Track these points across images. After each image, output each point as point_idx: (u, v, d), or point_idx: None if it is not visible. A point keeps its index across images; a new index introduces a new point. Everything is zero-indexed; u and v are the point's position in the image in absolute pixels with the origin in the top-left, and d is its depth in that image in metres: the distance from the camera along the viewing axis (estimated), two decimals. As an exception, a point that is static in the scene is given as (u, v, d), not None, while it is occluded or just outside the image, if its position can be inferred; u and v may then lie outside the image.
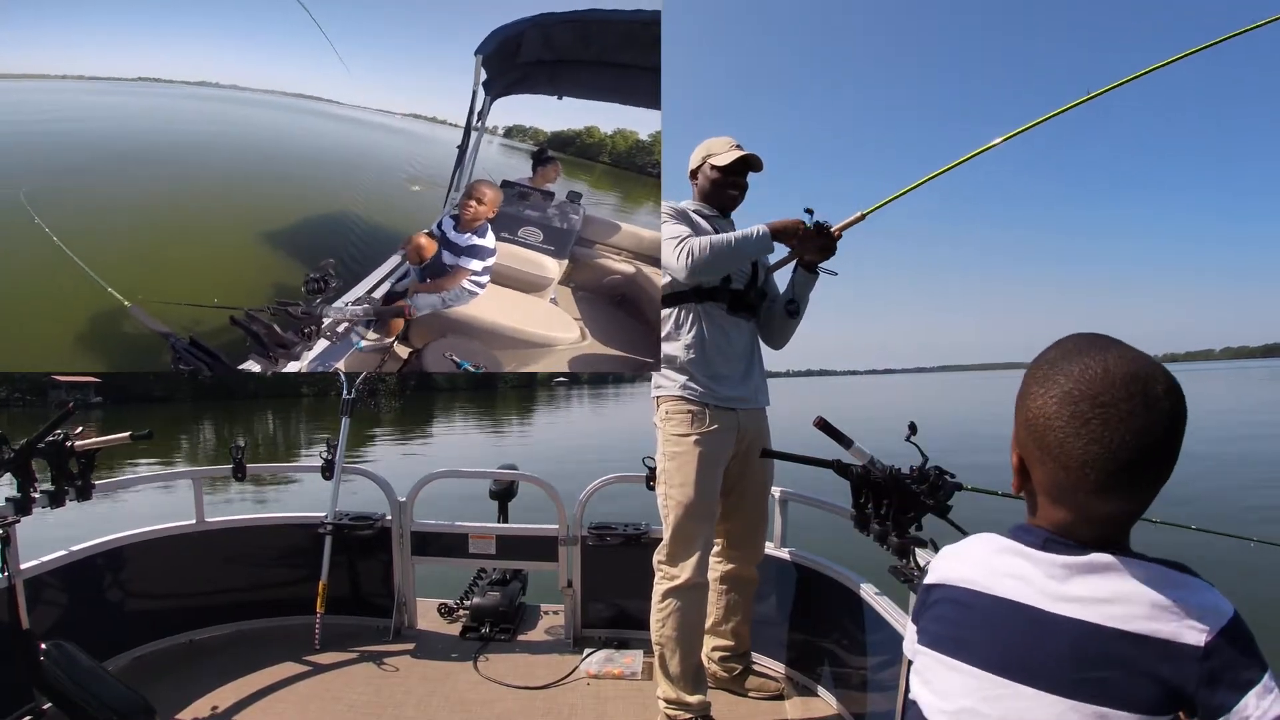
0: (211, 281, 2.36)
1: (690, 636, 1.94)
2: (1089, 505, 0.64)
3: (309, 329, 1.84)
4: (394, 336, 2.10)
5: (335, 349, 2.02)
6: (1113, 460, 0.61)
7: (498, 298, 2.44)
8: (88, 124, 4.63)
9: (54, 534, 2.25)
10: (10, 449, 1.93)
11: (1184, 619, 0.59)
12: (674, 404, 1.95)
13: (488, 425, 27.28)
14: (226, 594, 2.62)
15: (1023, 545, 0.67)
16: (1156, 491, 0.63)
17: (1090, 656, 0.60)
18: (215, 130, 5.40)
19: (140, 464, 12.69)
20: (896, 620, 1.69)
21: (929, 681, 0.72)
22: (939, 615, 0.73)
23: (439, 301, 2.14)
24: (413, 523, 2.66)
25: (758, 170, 2.06)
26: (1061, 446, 0.63)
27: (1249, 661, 0.58)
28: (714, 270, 1.90)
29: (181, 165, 4.18)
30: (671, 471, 1.93)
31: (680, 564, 1.92)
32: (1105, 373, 0.62)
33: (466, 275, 2.12)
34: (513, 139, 4.75)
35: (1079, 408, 0.62)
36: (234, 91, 6.56)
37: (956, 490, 1.48)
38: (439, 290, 2.13)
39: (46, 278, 2.36)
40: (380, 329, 2.08)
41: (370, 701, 2.16)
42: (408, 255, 2.23)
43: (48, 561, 2.12)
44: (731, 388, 1.98)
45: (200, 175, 4.03)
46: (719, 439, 1.94)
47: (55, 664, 1.84)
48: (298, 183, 4.57)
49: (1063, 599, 0.63)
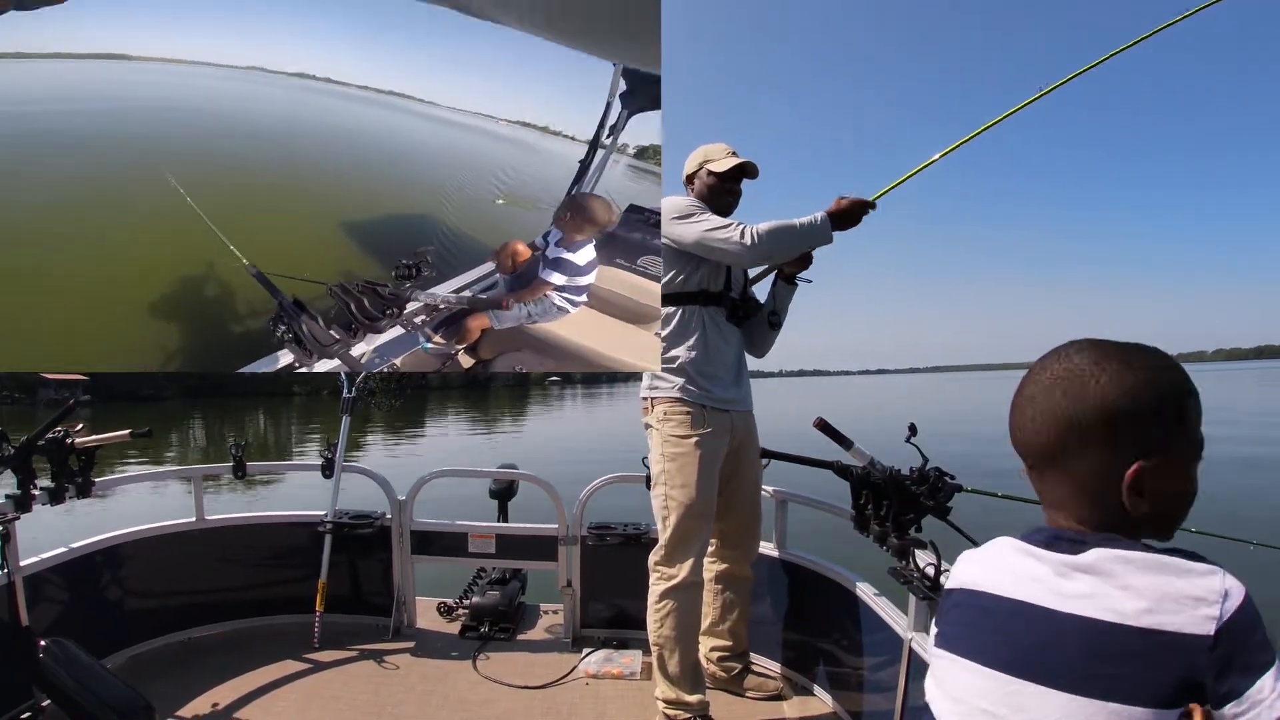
0: (294, 264, 2.34)
1: (688, 636, 1.96)
2: (1041, 492, 0.70)
3: (392, 310, 1.82)
4: (464, 344, 2.06)
5: (397, 345, 2.01)
6: (1013, 437, 0.69)
7: (594, 322, 2.39)
8: (211, 105, 4.83)
9: (39, 532, 2.24)
10: (11, 446, 1.94)
11: (1191, 608, 0.58)
12: (672, 405, 1.96)
13: (481, 425, 27.21)
14: (226, 592, 2.62)
15: (1031, 545, 0.68)
16: (1079, 458, 0.66)
17: (1099, 653, 0.60)
18: (311, 120, 5.63)
19: (129, 464, 12.59)
20: (895, 622, 1.69)
21: (942, 683, 0.72)
22: (954, 618, 0.74)
23: (525, 315, 2.10)
24: (412, 522, 2.66)
25: (754, 177, 2.08)
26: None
27: (1260, 646, 0.57)
28: (782, 253, 1.94)
29: (275, 152, 4.27)
30: (672, 472, 1.94)
31: (678, 564, 1.94)
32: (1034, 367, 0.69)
33: (547, 289, 2.06)
34: (644, 160, 4.43)
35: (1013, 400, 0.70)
36: (329, 85, 6.79)
37: (956, 492, 1.50)
38: (520, 300, 2.08)
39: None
40: (450, 334, 2.05)
41: (369, 700, 2.16)
42: (500, 262, 2.19)
43: (48, 559, 2.12)
44: (725, 389, 2.01)
45: (288, 163, 4.11)
46: (716, 440, 1.98)
47: (55, 661, 1.84)
48: (383, 179, 4.58)
49: (1068, 596, 0.63)
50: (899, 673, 1.61)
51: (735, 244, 1.88)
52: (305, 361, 1.73)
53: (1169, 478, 0.65)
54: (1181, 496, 0.67)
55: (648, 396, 2.03)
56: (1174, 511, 0.67)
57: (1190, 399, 0.66)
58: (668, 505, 1.95)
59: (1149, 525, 0.66)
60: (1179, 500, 0.67)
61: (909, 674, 1.58)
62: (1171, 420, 0.65)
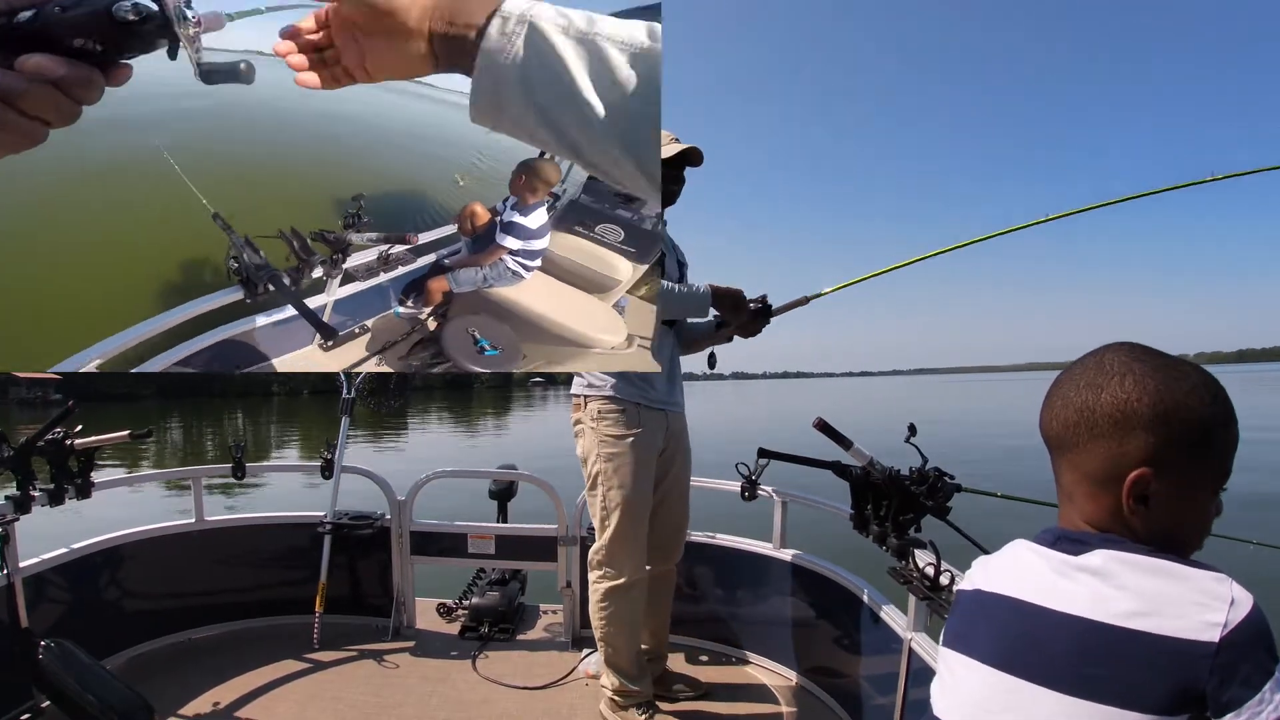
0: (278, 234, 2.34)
1: (633, 630, 2.03)
2: (1057, 480, 0.71)
3: (338, 255, 1.88)
4: (431, 307, 2.06)
5: (366, 300, 2.01)
6: (1039, 423, 0.71)
7: (552, 290, 2.34)
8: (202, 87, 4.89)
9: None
10: (10, 447, 1.92)
11: (1192, 614, 0.56)
12: (606, 404, 1.98)
13: (464, 426, 26.98)
14: (226, 593, 2.61)
15: (1039, 545, 0.69)
16: (1085, 452, 0.67)
17: (1087, 652, 0.59)
18: (303, 102, 5.69)
19: (105, 465, 12.34)
20: (895, 621, 1.70)
21: (942, 679, 0.73)
22: (958, 617, 0.75)
23: (480, 278, 2.08)
24: (412, 522, 2.67)
25: (697, 165, 2.07)
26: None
27: (1266, 657, 0.55)
28: (663, 310, 2.02)
29: (264, 133, 4.37)
30: (609, 473, 1.96)
31: (621, 564, 1.97)
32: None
33: (502, 253, 2.04)
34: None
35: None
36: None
37: (956, 492, 1.51)
38: (476, 265, 2.07)
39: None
40: (418, 300, 2.05)
41: (369, 701, 2.17)
42: (459, 225, 2.16)
43: (47, 560, 2.10)
44: (660, 390, 2.04)
45: (280, 143, 4.21)
46: (651, 439, 2.01)
47: (54, 662, 1.82)
48: (370, 158, 4.63)
49: (1066, 595, 0.63)
50: (899, 673, 1.62)
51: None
52: (252, 296, 1.78)
53: (1174, 498, 0.63)
54: (1184, 522, 0.65)
55: (581, 395, 2.04)
56: (1175, 533, 0.65)
57: (1221, 429, 0.64)
58: (607, 506, 1.97)
59: (1151, 541, 0.64)
60: (1181, 525, 0.65)
61: (909, 674, 1.60)
62: (1189, 442, 0.63)
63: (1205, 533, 0.67)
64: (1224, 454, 0.65)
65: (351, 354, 1.96)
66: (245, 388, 61.79)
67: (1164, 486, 0.63)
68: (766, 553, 2.33)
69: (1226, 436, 0.65)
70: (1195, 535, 0.66)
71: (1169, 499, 0.63)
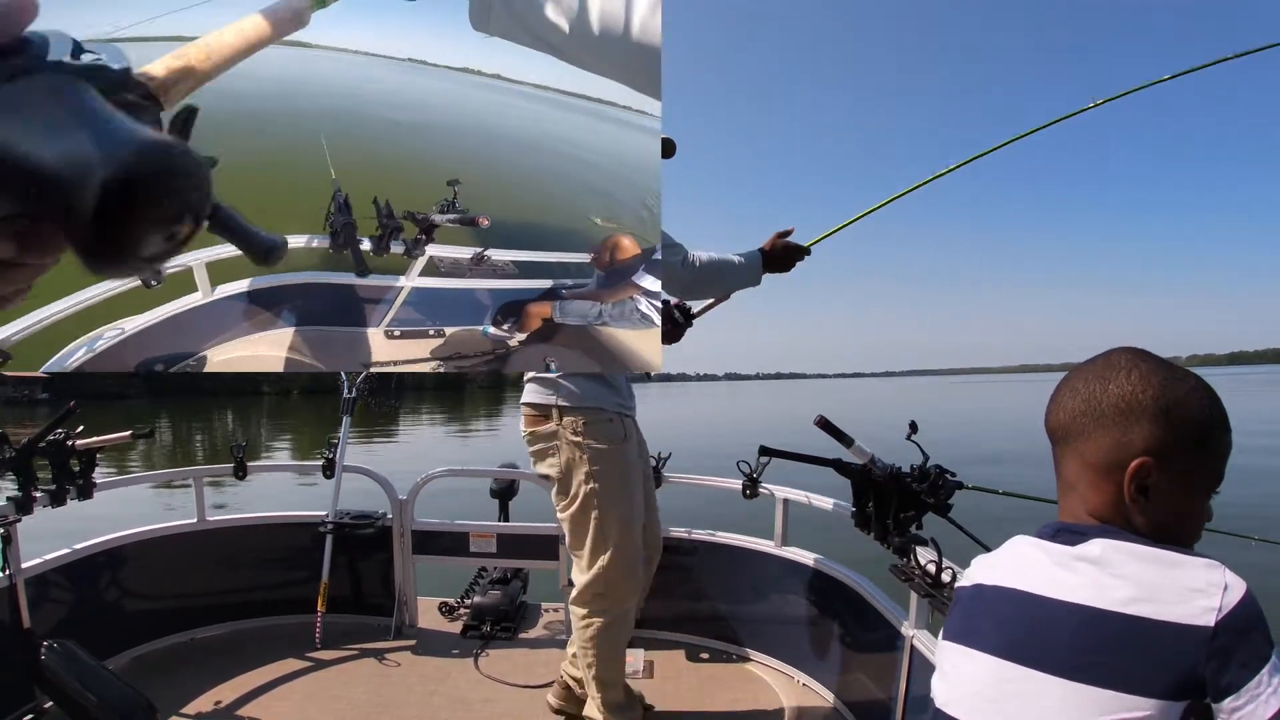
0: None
1: (621, 659, 1.94)
2: (1058, 470, 0.73)
3: (422, 235, 1.93)
4: (525, 334, 1.91)
5: (447, 301, 1.99)
6: (1050, 415, 0.73)
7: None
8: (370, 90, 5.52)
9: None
10: (12, 448, 1.92)
11: (1188, 600, 0.58)
12: (591, 414, 1.79)
13: (458, 425, 26.89)
14: (227, 593, 2.61)
15: (1039, 539, 0.71)
16: (1090, 440, 0.69)
17: (1089, 639, 0.61)
18: (475, 114, 6.31)
19: (97, 466, 12.14)
20: (896, 619, 1.72)
21: (945, 673, 0.74)
22: (959, 610, 0.77)
23: (594, 314, 1.91)
24: (413, 521, 2.67)
25: (669, 156, 1.92)
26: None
27: (1262, 641, 0.57)
28: (710, 288, 1.85)
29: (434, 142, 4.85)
30: (603, 491, 1.78)
31: (623, 593, 1.83)
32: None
33: (636, 291, 1.86)
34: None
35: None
36: (495, 80, 7.71)
37: (957, 489, 1.52)
38: (597, 299, 1.89)
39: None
40: (514, 325, 1.90)
41: (371, 700, 2.17)
42: (597, 255, 1.97)
43: (49, 560, 2.10)
44: (627, 395, 1.91)
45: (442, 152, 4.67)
46: (640, 450, 1.93)
47: (56, 662, 1.83)
48: (535, 179, 4.86)
49: (1066, 584, 0.64)
50: (900, 669, 1.64)
51: (669, 266, 1.75)
52: (336, 248, 1.87)
53: (1172, 491, 0.66)
54: (1181, 515, 0.68)
55: (550, 404, 1.80)
56: (1170, 525, 0.67)
57: (1217, 432, 0.68)
58: (604, 530, 1.79)
59: (1149, 533, 0.66)
60: (1178, 519, 0.68)
61: (910, 671, 1.61)
62: (1188, 440, 0.66)
63: (1200, 530, 0.70)
64: (1219, 456, 0.69)
65: (415, 349, 1.95)
66: (236, 387, 61.26)
67: (1164, 479, 0.66)
68: (768, 551, 2.34)
69: (1223, 440, 0.68)
70: (1192, 531, 0.69)
71: (1168, 492, 0.66)
